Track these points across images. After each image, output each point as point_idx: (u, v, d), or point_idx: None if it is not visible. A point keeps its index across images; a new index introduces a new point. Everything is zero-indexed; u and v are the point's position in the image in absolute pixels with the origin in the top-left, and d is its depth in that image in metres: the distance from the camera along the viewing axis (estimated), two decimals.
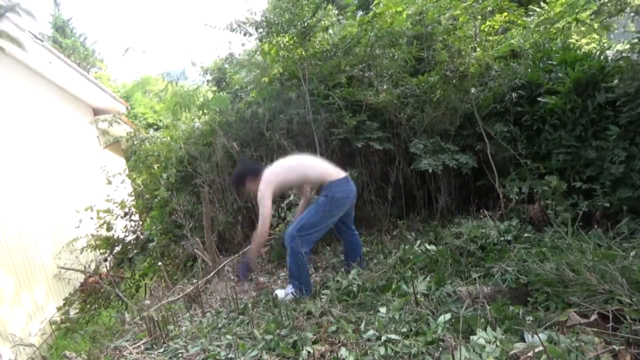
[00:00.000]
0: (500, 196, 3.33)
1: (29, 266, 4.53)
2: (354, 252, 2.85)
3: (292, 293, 2.50)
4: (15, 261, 4.29)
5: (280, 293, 2.57)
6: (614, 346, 1.42)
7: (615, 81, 2.91)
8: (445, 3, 3.80)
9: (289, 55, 3.85)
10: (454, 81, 3.73)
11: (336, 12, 3.97)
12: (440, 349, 1.61)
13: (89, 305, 4.27)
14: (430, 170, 3.41)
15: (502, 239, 2.78)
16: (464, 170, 3.53)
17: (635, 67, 2.82)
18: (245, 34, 3.89)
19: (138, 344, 2.07)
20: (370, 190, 3.83)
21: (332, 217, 2.59)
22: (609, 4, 3.43)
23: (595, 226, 2.70)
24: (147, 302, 2.79)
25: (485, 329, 1.64)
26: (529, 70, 3.55)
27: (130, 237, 4.75)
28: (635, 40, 2.95)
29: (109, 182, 4.85)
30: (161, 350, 1.97)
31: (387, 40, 3.85)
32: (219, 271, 2.96)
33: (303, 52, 3.77)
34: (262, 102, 4.14)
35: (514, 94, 3.44)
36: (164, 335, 2.07)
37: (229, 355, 1.80)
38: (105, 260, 4.71)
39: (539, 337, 1.41)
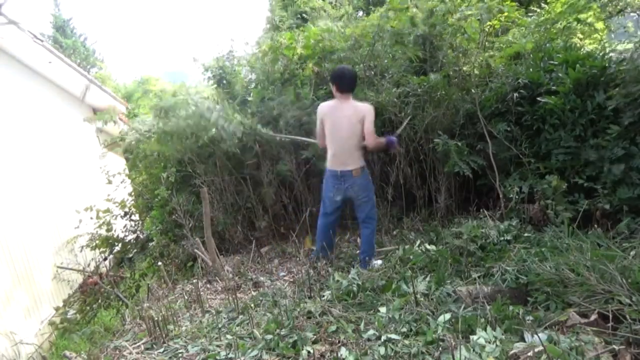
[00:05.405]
0: (501, 196, 3.33)
1: (28, 266, 4.53)
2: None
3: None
4: (14, 261, 4.29)
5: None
6: (614, 346, 1.42)
7: (616, 89, 2.89)
8: (457, 3, 3.75)
9: (289, 53, 3.86)
10: (456, 80, 3.72)
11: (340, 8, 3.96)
12: (440, 348, 1.61)
13: (88, 307, 4.26)
14: (469, 175, 3.35)
15: (502, 238, 2.77)
16: (479, 170, 3.54)
17: (639, 69, 2.79)
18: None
19: (138, 344, 2.08)
20: None
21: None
22: (609, 5, 3.42)
23: (595, 226, 2.70)
24: (147, 305, 2.79)
25: (485, 329, 1.64)
26: (530, 70, 3.54)
27: (130, 237, 4.75)
28: (638, 40, 2.94)
29: (109, 182, 4.85)
30: (161, 350, 1.97)
31: (392, 39, 3.82)
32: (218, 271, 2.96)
33: (303, 52, 3.78)
34: (262, 102, 4.14)
35: (515, 94, 3.44)
36: (164, 335, 2.07)
37: (229, 355, 1.80)
38: (105, 259, 4.70)
39: (539, 337, 1.41)
